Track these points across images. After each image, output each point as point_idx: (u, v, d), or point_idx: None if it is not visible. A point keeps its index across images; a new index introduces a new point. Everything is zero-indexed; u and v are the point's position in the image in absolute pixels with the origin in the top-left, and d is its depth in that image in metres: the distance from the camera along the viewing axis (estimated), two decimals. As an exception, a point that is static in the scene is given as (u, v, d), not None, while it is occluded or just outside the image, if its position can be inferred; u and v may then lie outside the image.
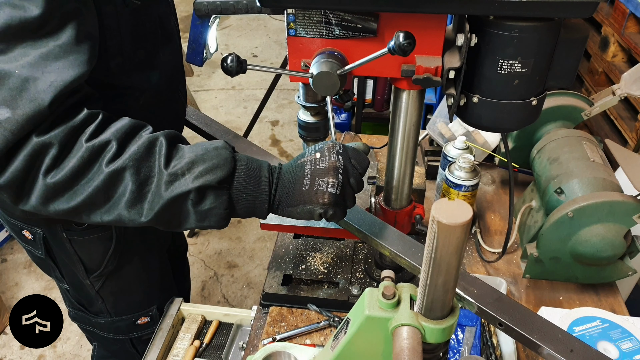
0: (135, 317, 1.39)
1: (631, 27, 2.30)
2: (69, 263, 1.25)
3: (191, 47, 1.23)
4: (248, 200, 0.84)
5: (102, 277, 1.28)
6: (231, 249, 2.91)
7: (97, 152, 0.78)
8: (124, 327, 1.40)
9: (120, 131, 0.81)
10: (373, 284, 1.22)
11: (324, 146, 0.87)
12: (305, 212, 0.85)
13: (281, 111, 4.05)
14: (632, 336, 1.06)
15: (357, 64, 0.82)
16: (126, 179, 0.79)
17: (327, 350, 0.79)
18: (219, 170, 0.80)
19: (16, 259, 2.79)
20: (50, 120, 0.78)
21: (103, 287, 1.30)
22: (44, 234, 1.19)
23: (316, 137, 1.03)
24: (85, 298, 1.35)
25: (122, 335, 1.42)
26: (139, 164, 0.79)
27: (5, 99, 0.74)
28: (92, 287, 1.29)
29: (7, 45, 0.75)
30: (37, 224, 1.18)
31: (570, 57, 0.79)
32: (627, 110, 2.33)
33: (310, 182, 0.84)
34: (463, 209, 0.53)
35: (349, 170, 0.86)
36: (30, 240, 1.22)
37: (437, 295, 0.61)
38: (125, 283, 1.33)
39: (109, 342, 1.46)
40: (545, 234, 1.16)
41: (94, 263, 1.24)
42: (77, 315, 1.41)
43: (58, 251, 1.24)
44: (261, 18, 5.46)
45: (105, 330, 1.41)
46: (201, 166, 0.80)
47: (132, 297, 1.37)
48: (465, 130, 1.56)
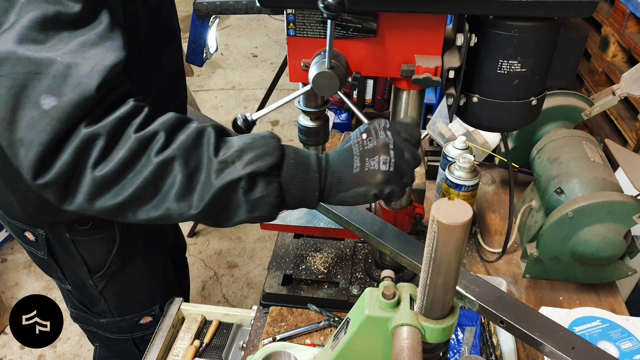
0: (137, 317, 1.39)
1: (631, 27, 2.30)
2: (72, 264, 1.24)
3: (191, 47, 1.23)
4: (298, 188, 0.80)
5: (106, 277, 1.27)
6: (231, 249, 2.91)
7: (146, 143, 0.75)
8: (126, 327, 1.40)
9: (167, 123, 0.78)
10: (373, 284, 1.22)
11: (369, 126, 0.82)
12: (359, 195, 0.80)
13: (281, 111, 4.05)
14: (632, 336, 1.06)
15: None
16: (175, 169, 0.75)
17: (327, 350, 0.79)
18: (269, 157, 0.77)
19: (16, 259, 2.79)
20: (98, 111, 0.75)
21: (106, 287, 1.29)
22: (47, 235, 1.18)
23: (316, 142, 1.03)
24: (87, 299, 1.34)
25: (124, 335, 1.42)
26: (188, 154, 0.76)
27: (51, 87, 0.72)
28: (95, 287, 1.29)
29: (45, 35, 0.73)
30: (39, 225, 1.17)
31: (570, 57, 0.79)
32: (627, 110, 2.32)
33: (360, 164, 0.79)
34: (463, 209, 0.53)
35: (400, 145, 0.80)
36: (33, 241, 1.21)
37: (437, 295, 0.61)
38: (129, 283, 1.33)
39: (111, 342, 1.46)
40: (545, 234, 1.16)
41: (98, 263, 1.24)
42: (79, 316, 1.41)
43: (61, 252, 1.23)
44: (261, 18, 5.46)
45: (108, 331, 1.40)
46: (250, 153, 0.77)
47: (135, 297, 1.37)
48: (465, 130, 1.56)
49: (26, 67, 0.71)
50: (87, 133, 0.72)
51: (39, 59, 0.72)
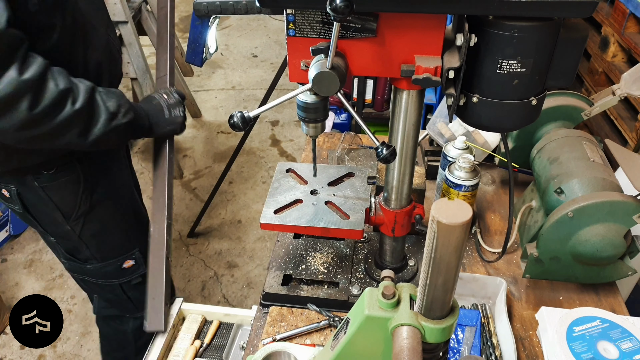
0: (120, 260, 1.52)
1: (631, 27, 2.30)
2: (48, 212, 1.37)
3: (191, 47, 1.23)
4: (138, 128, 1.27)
5: (80, 220, 1.41)
6: (231, 249, 2.91)
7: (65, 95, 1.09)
8: (111, 271, 1.52)
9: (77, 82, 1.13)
10: (373, 284, 1.22)
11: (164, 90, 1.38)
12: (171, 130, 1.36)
13: (281, 111, 4.05)
14: (632, 336, 1.06)
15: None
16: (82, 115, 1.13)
17: (327, 350, 0.80)
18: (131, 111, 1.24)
19: (16, 259, 2.79)
20: None
21: (83, 230, 1.43)
22: (17, 189, 1.32)
23: (315, 118, 1.01)
24: (72, 246, 1.47)
25: (111, 281, 1.54)
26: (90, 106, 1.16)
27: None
28: (73, 232, 1.42)
29: None
30: (9, 181, 1.31)
31: (570, 56, 0.79)
32: (627, 110, 2.32)
33: (168, 112, 1.34)
34: (463, 209, 0.53)
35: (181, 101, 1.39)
36: (8, 197, 1.35)
37: (437, 295, 0.61)
38: (103, 225, 1.46)
39: (103, 290, 1.58)
40: (545, 234, 1.16)
41: (69, 206, 1.37)
42: (71, 265, 1.53)
43: (35, 203, 1.36)
44: (261, 18, 5.46)
45: (96, 277, 1.53)
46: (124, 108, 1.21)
47: (112, 239, 1.50)
48: (465, 130, 1.56)
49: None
50: None
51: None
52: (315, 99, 0.95)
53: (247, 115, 0.88)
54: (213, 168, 3.52)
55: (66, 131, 1.13)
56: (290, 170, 1.28)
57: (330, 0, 0.69)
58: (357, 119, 0.94)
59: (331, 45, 0.78)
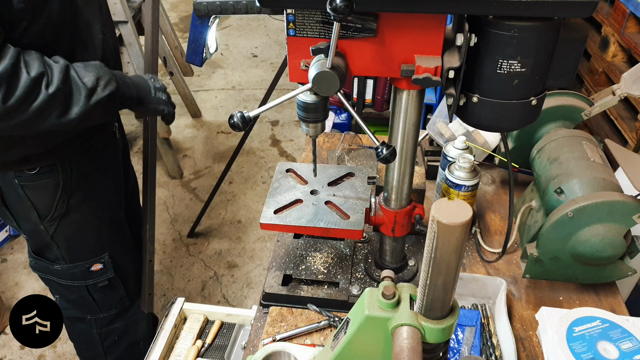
0: (88, 263, 1.50)
1: (631, 27, 2.30)
2: (23, 209, 1.37)
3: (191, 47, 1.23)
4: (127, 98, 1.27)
5: (55, 222, 1.40)
6: (231, 249, 2.91)
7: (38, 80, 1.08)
8: (78, 273, 1.50)
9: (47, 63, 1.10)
10: (373, 284, 1.22)
11: (152, 75, 1.43)
12: (155, 110, 1.39)
13: (281, 111, 4.05)
14: (632, 336, 1.06)
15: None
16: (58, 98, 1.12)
17: (327, 350, 0.80)
18: (113, 82, 1.22)
19: (16, 259, 2.79)
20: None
21: (56, 232, 1.41)
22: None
23: (315, 118, 1.00)
24: (42, 245, 1.46)
25: (78, 282, 1.53)
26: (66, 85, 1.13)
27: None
28: (46, 232, 1.41)
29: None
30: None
31: (570, 56, 0.79)
32: (627, 110, 2.32)
33: (154, 92, 1.38)
34: (463, 209, 0.53)
35: None
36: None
37: (437, 295, 0.61)
38: (77, 228, 1.45)
39: (67, 290, 1.56)
40: (545, 234, 1.16)
41: (45, 207, 1.37)
42: (37, 264, 1.51)
43: (12, 199, 1.36)
44: (261, 18, 5.46)
45: (63, 277, 1.51)
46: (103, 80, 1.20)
47: (83, 243, 1.48)
48: (465, 130, 1.56)
49: None
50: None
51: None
52: (315, 98, 0.95)
53: (247, 115, 0.88)
54: (213, 168, 3.52)
55: (45, 116, 1.12)
56: (290, 170, 1.28)
57: (330, 0, 0.69)
58: (357, 119, 0.94)
59: (331, 45, 0.78)
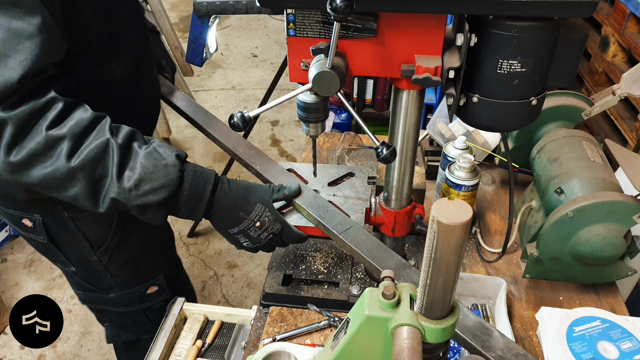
0: (144, 287, 1.43)
1: (631, 27, 2.30)
2: (74, 242, 1.28)
3: (191, 47, 1.23)
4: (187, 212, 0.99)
5: (109, 251, 1.31)
6: (231, 249, 2.91)
7: (54, 143, 0.87)
8: (134, 298, 1.44)
9: (78, 126, 0.88)
10: (373, 284, 1.22)
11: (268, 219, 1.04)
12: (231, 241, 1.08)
13: (281, 111, 4.05)
14: (632, 336, 1.06)
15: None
16: (81, 178, 0.89)
17: (327, 350, 0.79)
18: (163, 191, 0.93)
19: (16, 259, 2.79)
20: (15, 98, 0.83)
21: (110, 260, 1.33)
22: (43, 219, 1.22)
23: (315, 118, 1.00)
24: (93, 276, 1.38)
25: (134, 307, 1.46)
26: (94, 166, 0.89)
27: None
28: (99, 262, 1.33)
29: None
30: (35, 210, 1.21)
31: (570, 56, 0.79)
32: (627, 110, 2.32)
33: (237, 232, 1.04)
34: (463, 209, 0.53)
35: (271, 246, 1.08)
36: (31, 227, 1.24)
37: (437, 295, 0.61)
38: (131, 254, 1.37)
39: (121, 317, 1.49)
40: (545, 234, 1.16)
41: (100, 238, 1.28)
42: (88, 296, 1.44)
43: (61, 233, 1.26)
44: (261, 18, 5.46)
45: (118, 305, 1.44)
46: (147, 185, 0.91)
47: (139, 268, 1.41)
48: (465, 130, 1.56)
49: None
50: None
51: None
52: (316, 98, 0.95)
53: (247, 115, 0.89)
54: (213, 168, 3.52)
55: None
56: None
57: (330, 0, 0.70)
58: (357, 119, 0.94)
59: (331, 45, 0.78)
